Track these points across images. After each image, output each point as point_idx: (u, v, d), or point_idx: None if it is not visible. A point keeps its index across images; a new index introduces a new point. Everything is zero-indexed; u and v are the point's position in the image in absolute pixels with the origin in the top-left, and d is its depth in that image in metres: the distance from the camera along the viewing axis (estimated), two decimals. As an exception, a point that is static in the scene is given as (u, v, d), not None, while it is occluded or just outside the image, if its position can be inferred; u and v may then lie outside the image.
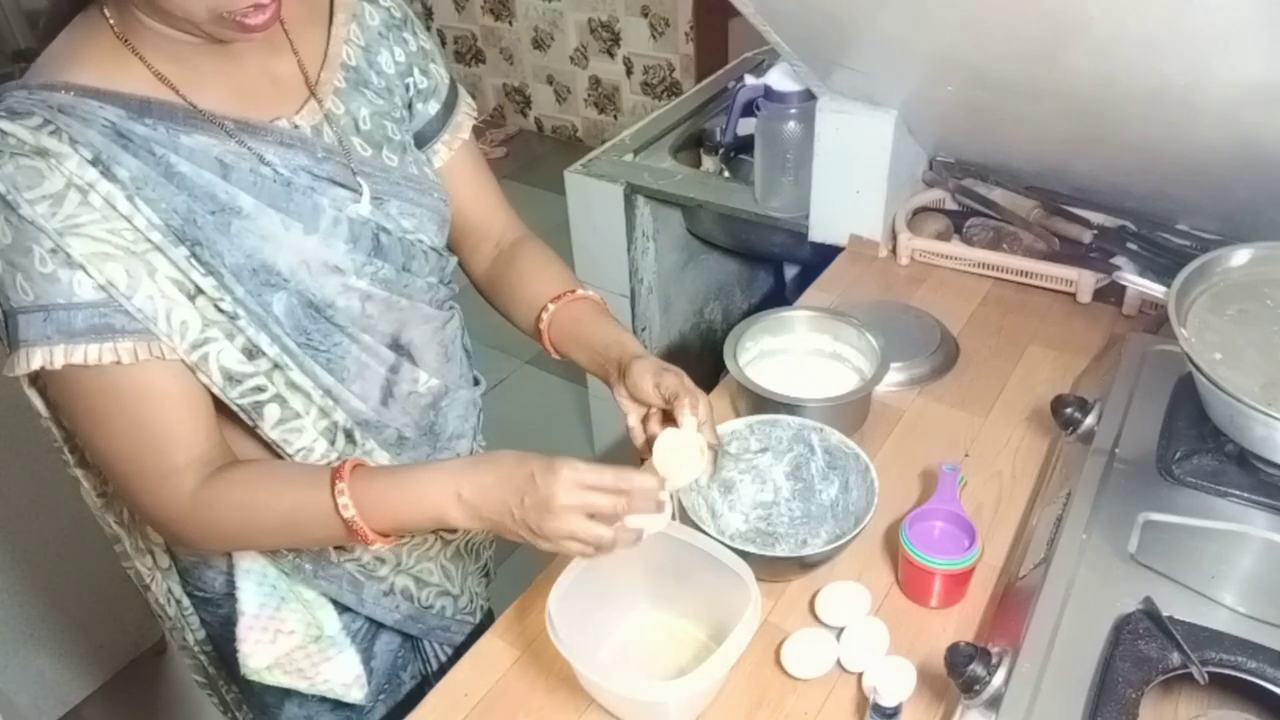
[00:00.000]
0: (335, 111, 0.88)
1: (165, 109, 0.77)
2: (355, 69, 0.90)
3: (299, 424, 0.86)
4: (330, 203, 0.84)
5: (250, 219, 0.79)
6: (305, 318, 0.84)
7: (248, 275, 0.80)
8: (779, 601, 1.02)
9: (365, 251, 0.87)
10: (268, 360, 0.82)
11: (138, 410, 0.77)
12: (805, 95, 1.58)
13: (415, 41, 0.96)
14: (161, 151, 0.76)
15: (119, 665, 2.10)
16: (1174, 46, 1.06)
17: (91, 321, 0.73)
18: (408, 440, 0.97)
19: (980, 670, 0.81)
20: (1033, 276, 1.48)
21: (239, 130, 0.80)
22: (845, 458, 1.07)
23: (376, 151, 0.90)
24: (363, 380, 0.90)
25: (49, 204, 0.71)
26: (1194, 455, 1.01)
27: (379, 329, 0.91)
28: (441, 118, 0.99)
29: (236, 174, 0.79)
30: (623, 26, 3.86)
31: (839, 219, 1.62)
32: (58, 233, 0.71)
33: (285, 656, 0.99)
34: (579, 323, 0.98)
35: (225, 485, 0.81)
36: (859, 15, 1.29)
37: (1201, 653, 0.80)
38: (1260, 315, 1.01)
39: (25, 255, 0.72)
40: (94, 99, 0.74)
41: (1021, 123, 1.40)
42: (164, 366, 0.77)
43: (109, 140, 0.74)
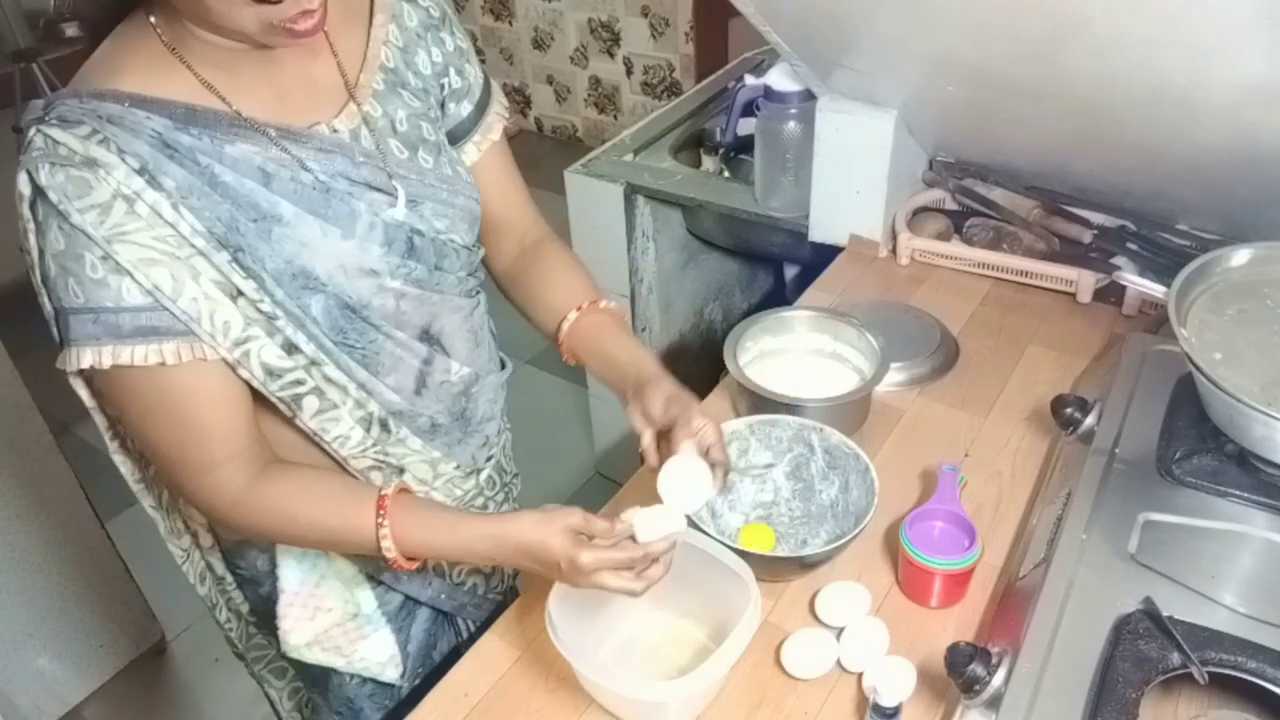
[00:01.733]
0: (373, 114, 0.89)
1: (210, 117, 0.79)
2: (393, 70, 0.91)
3: (336, 414, 0.90)
4: (367, 207, 0.86)
5: (290, 226, 0.82)
6: (341, 318, 0.87)
7: (287, 279, 0.82)
8: (779, 601, 1.02)
9: (399, 254, 0.89)
10: (305, 356, 0.85)
11: (181, 407, 0.81)
12: (805, 95, 1.58)
13: (452, 41, 0.97)
14: (206, 161, 0.78)
15: (119, 665, 2.10)
16: (1174, 46, 1.06)
17: (138, 324, 0.77)
18: (440, 426, 1.00)
19: (980, 670, 0.82)
20: (1033, 276, 1.48)
21: (281, 137, 0.82)
22: (845, 458, 1.07)
23: (412, 153, 0.91)
24: (397, 373, 0.93)
25: (97, 213, 0.74)
26: (1194, 455, 1.01)
27: (411, 323, 0.93)
28: (473, 118, 1.00)
29: (278, 182, 0.81)
30: (623, 26, 3.86)
31: (839, 219, 1.62)
32: (106, 240, 0.74)
33: (324, 634, 1.03)
34: (600, 335, 1.00)
35: (269, 492, 0.85)
36: (859, 15, 1.29)
37: (1201, 653, 0.80)
38: (1260, 315, 1.01)
39: (77, 261, 0.75)
40: (141, 108, 0.76)
41: (1021, 123, 1.40)
42: (206, 367, 0.81)
43: (155, 150, 0.76)
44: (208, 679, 2.14)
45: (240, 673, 2.15)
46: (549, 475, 2.48)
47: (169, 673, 2.17)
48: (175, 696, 2.13)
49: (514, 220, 1.07)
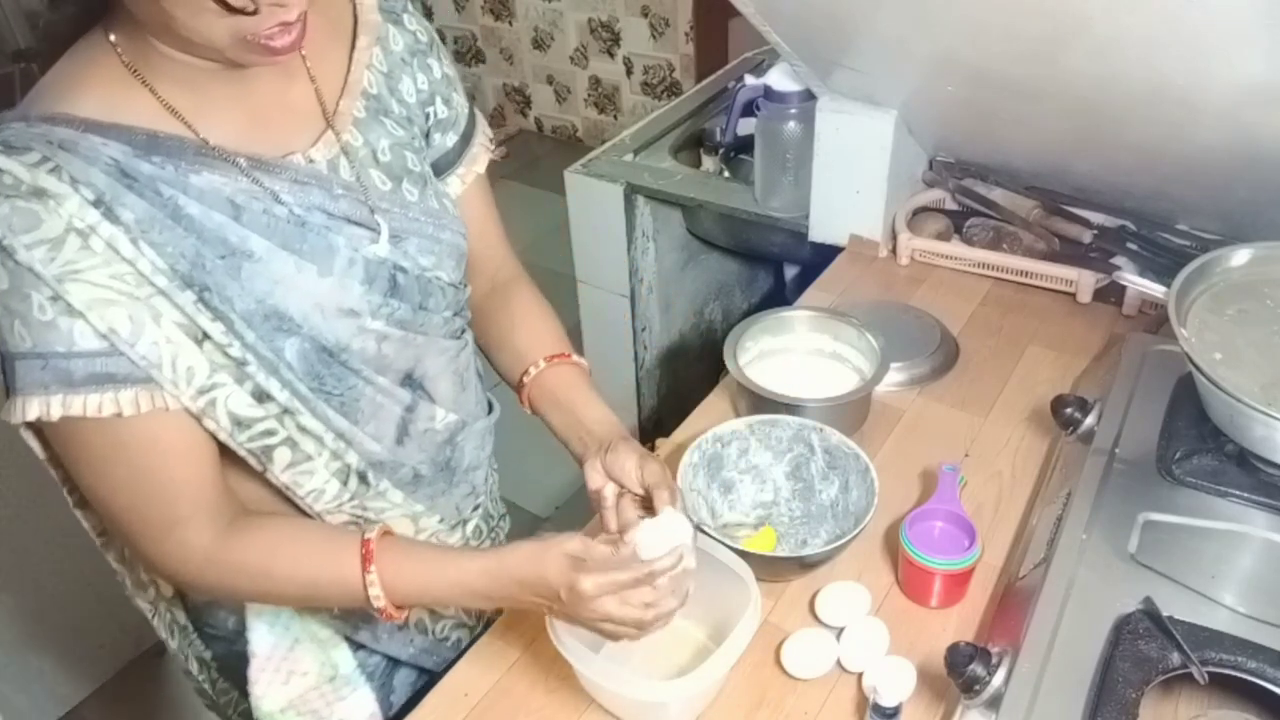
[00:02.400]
0: (353, 143, 0.83)
1: (174, 145, 0.73)
2: (376, 97, 0.85)
3: (310, 466, 0.84)
4: (346, 243, 0.80)
5: (262, 262, 0.75)
6: (318, 362, 0.80)
7: (259, 320, 0.76)
8: (779, 601, 1.02)
9: (381, 292, 0.83)
10: (277, 405, 0.79)
11: (140, 461, 0.74)
12: (805, 95, 1.58)
13: (440, 68, 0.92)
14: (169, 192, 0.72)
15: (119, 665, 2.10)
16: (1174, 46, 1.06)
17: (91, 370, 0.70)
18: (423, 478, 0.93)
19: (980, 670, 0.81)
20: (1033, 276, 1.48)
21: (253, 168, 0.76)
22: (845, 458, 1.07)
23: (396, 185, 0.85)
24: (377, 420, 0.87)
25: (47, 249, 0.67)
26: (1194, 455, 1.01)
27: (394, 367, 0.87)
28: (458, 149, 0.95)
29: (248, 215, 0.75)
30: (623, 26, 3.86)
31: (839, 219, 1.62)
32: (56, 279, 0.67)
33: (299, 698, 0.96)
34: (566, 390, 0.97)
35: (240, 547, 0.79)
36: (859, 15, 1.28)
37: (1201, 653, 0.80)
38: (1260, 315, 1.01)
39: (23, 301, 0.68)
40: (97, 134, 0.70)
41: (1021, 123, 1.40)
42: (167, 416, 0.74)
43: (113, 180, 0.69)
44: (208, 679, 2.14)
45: (240, 673, 2.14)
46: (548, 477, 2.48)
47: (169, 673, 2.17)
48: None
49: (489, 257, 1.03)
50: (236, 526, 0.79)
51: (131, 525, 0.77)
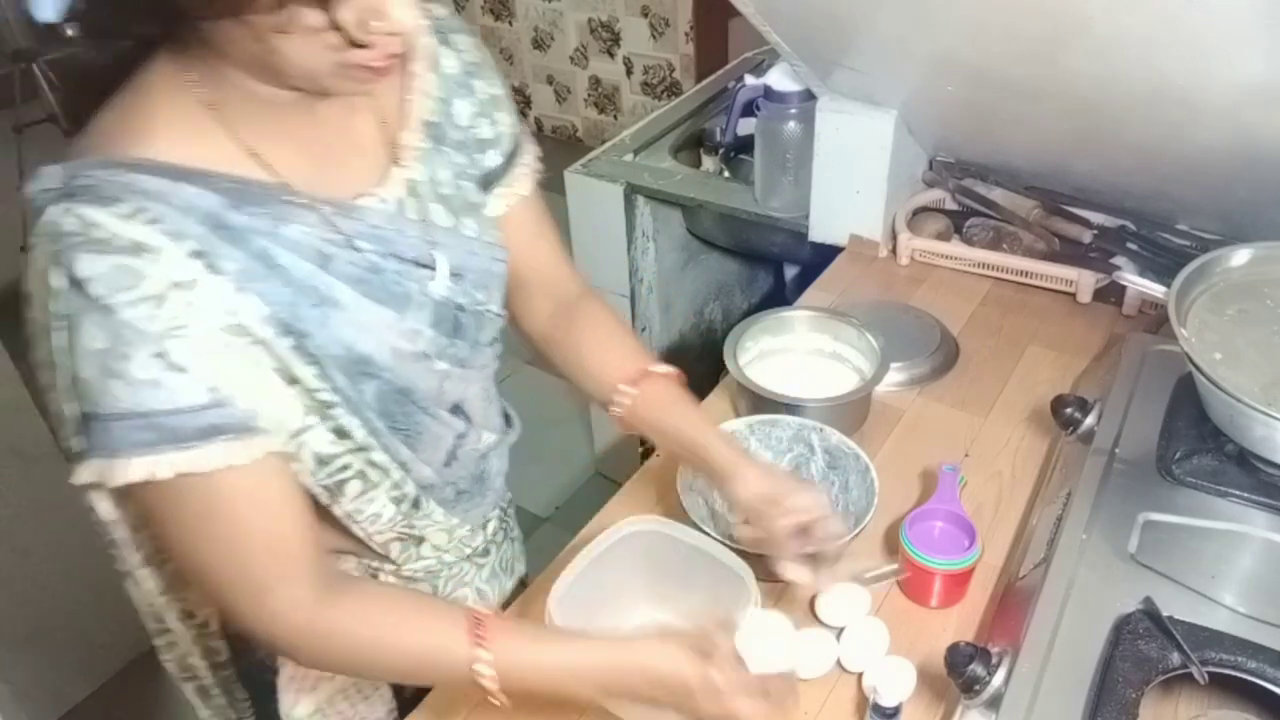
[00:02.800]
0: (417, 179, 0.82)
1: (261, 194, 0.71)
2: (435, 125, 0.84)
3: (373, 494, 0.84)
4: (417, 287, 0.80)
5: (347, 311, 0.75)
6: (393, 403, 0.81)
7: (347, 364, 0.76)
8: (779, 602, 1.02)
9: (446, 334, 0.84)
10: (354, 442, 0.79)
11: (243, 514, 0.72)
12: (805, 95, 1.58)
13: (487, 89, 0.90)
14: (263, 243, 0.70)
15: (119, 665, 2.10)
16: (1174, 46, 1.06)
17: (197, 425, 0.67)
18: (464, 494, 0.95)
19: (980, 670, 0.81)
20: (1033, 276, 1.48)
21: (334, 214, 0.75)
22: (845, 458, 1.07)
23: (455, 219, 0.85)
24: (432, 449, 0.88)
25: (150, 305, 0.64)
26: (1194, 455, 1.01)
27: (448, 399, 0.88)
28: (500, 169, 0.93)
29: (335, 264, 0.74)
30: (623, 26, 3.86)
31: (839, 219, 1.62)
32: (160, 337, 0.65)
33: (326, 701, 0.97)
34: (661, 413, 0.96)
35: (345, 614, 0.77)
36: (859, 15, 1.29)
37: (1201, 653, 0.80)
38: (1260, 315, 1.01)
39: (122, 360, 0.65)
40: (187, 182, 0.67)
41: (1021, 123, 1.40)
42: (267, 467, 0.72)
43: (209, 231, 0.67)
44: (208, 679, 2.14)
45: (240, 673, 2.14)
46: (549, 475, 2.48)
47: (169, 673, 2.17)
48: (175, 696, 2.12)
49: (546, 277, 1.01)
50: (338, 592, 0.77)
51: (232, 585, 0.74)
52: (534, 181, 0.96)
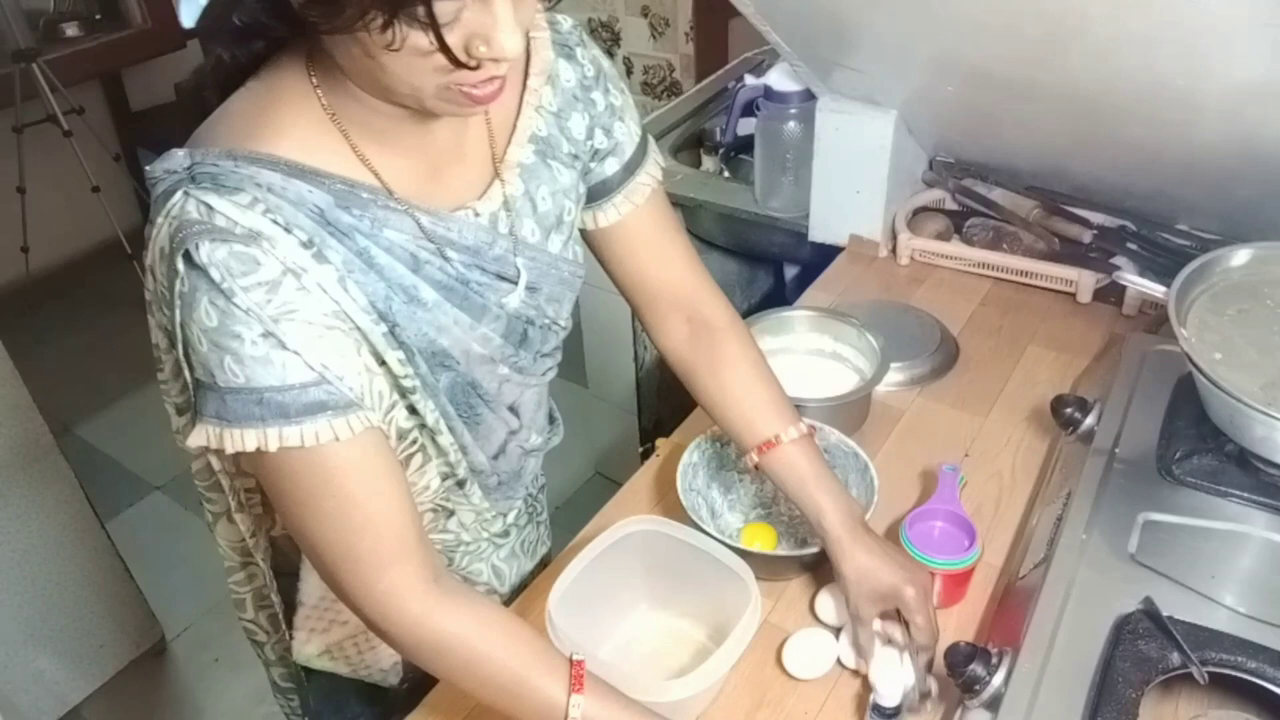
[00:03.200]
0: (514, 194, 0.85)
1: (367, 198, 0.75)
2: (545, 139, 0.86)
3: (427, 468, 0.89)
4: (495, 299, 0.84)
5: (430, 310, 0.79)
6: (461, 394, 0.85)
7: (428, 355, 0.80)
8: (779, 601, 1.02)
9: (514, 344, 0.88)
10: (422, 422, 0.83)
11: (349, 489, 0.75)
12: (805, 95, 1.58)
13: (604, 100, 0.91)
14: (364, 242, 0.75)
15: (119, 665, 2.10)
16: (1174, 47, 1.06)
17: (305, 401, 0.71)
18: (504, 485, 0.99)
19: (980, 670, 0.82)
20: (1033, 276, 1.48)
21: (430, 224, 0.78)
22: (844, 456, 1.07)
23: (544, 237, 0.88)
24: (488, 440, 0.92)
25: (264, 291, 0.68)
26: (1194, 455, 1.01)
27: (505, 400, 0.92)
28: (619, 178, 0.94)
29: (426, 269, 0.79)
30: (623, 26, 3.86)
31: (839, 219, 1.62)
32: (273, 319, 0.69)
33: (335, 644, 1.01)
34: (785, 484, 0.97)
35: (455, 616, 0.79)
36: (859, 15, 1.29)
37: (1201, 653, 0.80)
38: (1260, 315, 1.01)
39: (234, 339, 0.69)
40: (301, 179, 0.72)
41: (1021, 123, 1.40)
42: (376, 439, 0.76)
43: (318, 225, 0.72)
44: (208, 679, 2.14)
45: (240, 673, 2.16)
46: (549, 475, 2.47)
47: (169, 673, 2.17)
48: (175, 696, 2.13)
49: (675, 292, 1.01)
50: (449, 591, 0.80)
51: (342, 563, 0.77)
52: (653, 193, 0.97)
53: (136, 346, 3.73)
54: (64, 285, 3.54)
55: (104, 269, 3.54)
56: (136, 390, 2.94)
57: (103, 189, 3.20)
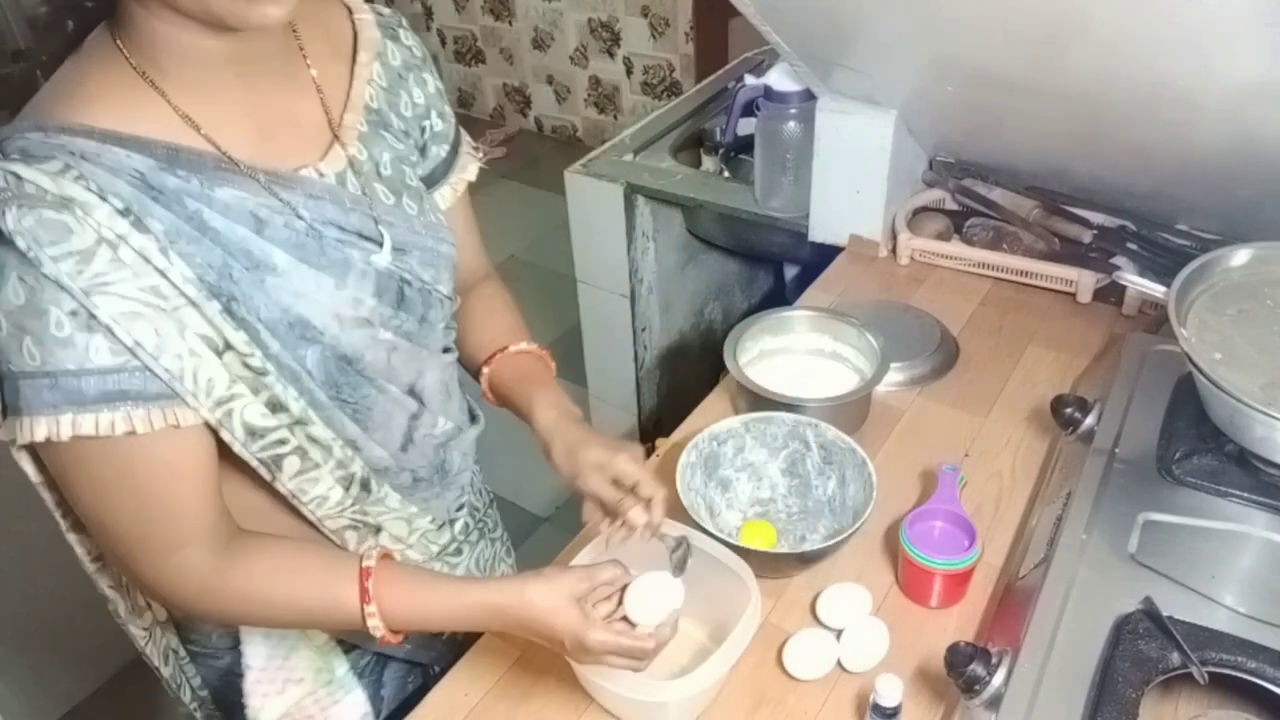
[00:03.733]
0: (358, 157, 0.84)
1: (196, 159, 0.72)
2: (377, 111, 0.87)
3: (316, 474, 0.84)
4: (359, 255, 0.82)
5: (284, 276, 0.76)
6: (337, 370, 0.81)
7: (283, 330, 0.76)
8: (779, 602, 1.02)
9: (391, 305, 0.85)
10: (290, 415, 0.79)
11: (146, 482, 0.73)
12: (805, 95, 1.58)
13: (433, 82, 0.94)
14: (194, 205, 0.71)
15: (119, 665, 2.10)
16: (1174, 47, 1.06)
17: (104, 388, 0.68)
18: (421, 481, 0.95)
19: (980, 670, 0.82)
20: (1033, 276, 1.48)
21: (271, 182, 0.76)
22: (841, 453, 1.07)
23: (398, 199, 0.87)
24: (386, 429, 0.88)
25: (75, 261, 0.65)
26: (1194, 455, 1.01)
27: (401, 379, 0.89)
28: (449, 160, 0.97)
29: (271, 229, 0.75)
30: (623, 26, 3.86)
31: (839, 219, 1.62)
32: (84, 292, 0.66)
33: (295, 705, 0.98)
34: (507, 389, 0.98)
35: (240, 572, 0.78)
36: (859, 15, 1.29)
37: (1201, 653, 0.80)
38: (1260, 315, 1.01)
39: (39, 318, 0.66)
40: (118, 145, 0.69)
41: (1021, 123, 1.40)
42: (178, 435, 0.73)
43: (138, 191, 0.68)
44: (208, 679, 2.14)
45: (240, 673, 2.14)
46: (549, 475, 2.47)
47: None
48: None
49: (465, 264, 1.02)
50: (234, 551, 0.78)
51: (131, 549, 0.76)
52: (476, 167, 1.00)
53: (136, 346, 3.68)
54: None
55: (104, 269, 3.54)
56: (136, 390, 2.93)
57: (103, 189, 3.21)
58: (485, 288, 1.06)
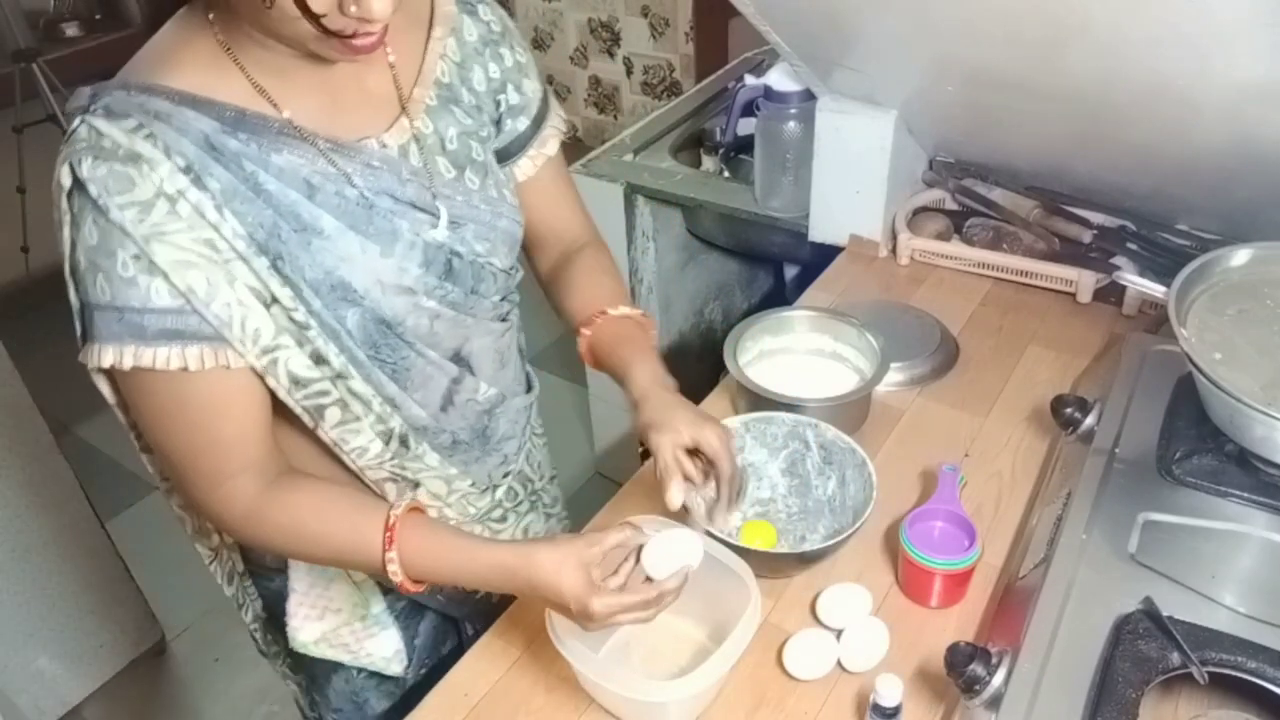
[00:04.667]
0: (424, 131, 0.87)
1: (259, 123, 0.78)
2: (448, 86, 0.90)
3: (357, 426, 0.89)
4: (409, 227, 0.85)
5: (330, 240, 0.81)
6: (375, 332, 0.85)
7: (325, 290, 0.81)
8: (779, 602, 1.02)
9: (437, 275, 0.88)
10: (331, 369, 0.84)
11: (198, 415, 0.80)
12: (805, 95, 1.58)
13: (511, 56, 0.95)
14: (251, 168, 0.77)
15: (119, 665, 2.10)
16: (1174, 47, 1.06)
17: (163, 326, 0.75)
18: (461, 444, 0.98)
19: (980, 670, 0.81)
20: (1033, 276, 1.48)
21: (330, 150, 0.81)
22: (841, 453, 1.07)
23: (459, 174, 0.89)
24: (425, 389, 0.92)
25: (137, 210, 0.73)
26: (1194, 455, 1.01)
27: (444, 344, 0.92)
28: (529, 133, 0.98)
29: (321, 195, 0.80)
30: (623, 26, 3.86)
31: (839, 219, 1.62)
32: (144, 239, 0.73)
33: (332, 632, 1.04)
34: (606, 350, 0.98)
35: (279, 506, 0.84)
36: (859, 15, 1.29)
37: (1201, 653, 0.80)
38: (1260, 315, 1.01)
39: (109, 257, 0.73)
40: (190, 108, 0.75)
41: (1021, 123, 1.40)
42: (228, 375, 0.79)
43: (202, 151, 0.75)
44: (207, 679, 2.14)
45: (240, 673, 2.15)
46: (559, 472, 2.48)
47: (169, 673, 2.17)
48: (175, 696, 2.13)
49: (561, 231, 1.06)
50: (278, 486, 0.84)
51: (185, 474, 0.83)
52: (559, 143, 1.01)
53: (136, 346, 3.65)
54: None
55: (104, 269, 3.54)
56: (136, 390, 2.93)
57: (103, 189, 3.21)
58: (588, 252, 1.06)
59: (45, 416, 1.82)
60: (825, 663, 0.94)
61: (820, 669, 0.94)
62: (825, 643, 0.95)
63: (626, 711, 0.91)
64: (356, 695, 1.11)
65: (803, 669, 0.94)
